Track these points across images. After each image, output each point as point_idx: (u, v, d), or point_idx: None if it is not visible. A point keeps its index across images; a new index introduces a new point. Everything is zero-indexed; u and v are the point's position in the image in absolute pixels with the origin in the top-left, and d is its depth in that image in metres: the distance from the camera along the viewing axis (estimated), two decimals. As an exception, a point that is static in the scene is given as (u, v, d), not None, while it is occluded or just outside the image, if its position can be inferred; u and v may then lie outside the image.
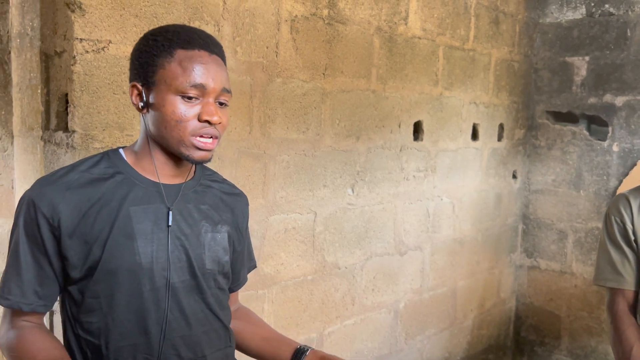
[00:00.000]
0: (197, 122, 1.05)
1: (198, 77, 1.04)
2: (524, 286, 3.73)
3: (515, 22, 3.37)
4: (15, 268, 1.06)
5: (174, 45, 1.06)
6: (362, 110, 2.47)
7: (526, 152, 3.65)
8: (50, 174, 1.09)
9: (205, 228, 1.15)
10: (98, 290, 1.06)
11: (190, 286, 1.13)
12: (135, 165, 1.12)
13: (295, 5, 2.11)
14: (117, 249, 1.05)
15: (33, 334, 1.07)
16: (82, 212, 1.05)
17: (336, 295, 2.48)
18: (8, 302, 1.06)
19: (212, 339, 1.18)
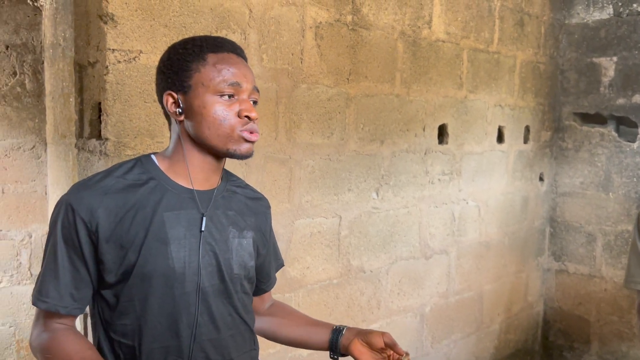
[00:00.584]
0: (238, 118, 1.10)
1: (233, 76, 1.09)
2: (552, 290, 3.68)
3: (540, 24, 3.34)
4: (53, 271, 1.08)
5: (205, 50, 1.11)
6: (386, 115, 2.48)
7: (553, 154, 3.61)
8: (87, 178, 1.12)
9: (232, 233, 1.18)
10: (132, 294, 1.09)
11: (219, 290, 1.15)
12: (167, 172, 1.14)
13: (319, 12, 2.14)
14: (151, 253, 1.07)
15: (67, 336, 1.09)
16: (118, 217, 1.07)
17: (362, 299, 2.49)
18: (46, 305, 1.08)
19: (239, 342, 1.21)
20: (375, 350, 1.22)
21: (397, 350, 1.20)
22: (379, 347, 1.21)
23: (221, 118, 1.08)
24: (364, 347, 1.23)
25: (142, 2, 1.62)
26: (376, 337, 1.22)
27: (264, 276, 1.34)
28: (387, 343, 1.21)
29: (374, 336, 1.22)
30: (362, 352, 1.22)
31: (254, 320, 1.29)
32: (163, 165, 1.15)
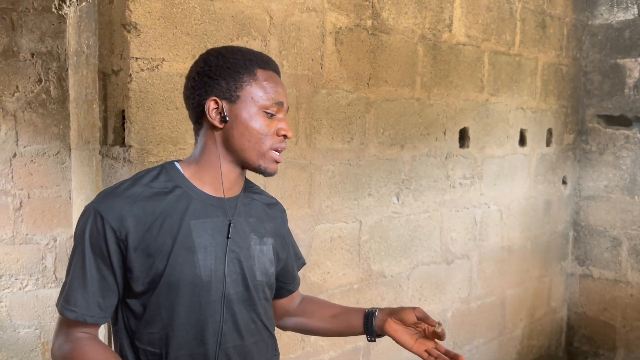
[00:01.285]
0: (276, 136, 1.13)
1: (278, 96, 1.13)
2: (576, 295, 3.62)
3: (562, 25, 3.29)
4: (80, 280, 1.07)
5: (254, 65, 1.13)
6: (406, 119, 2.47)
7: (576, 157, 3.55)
8: (114, 187, 1.12)
9: (254, 240, 1.19)
10: (159, 302, 1.09)
11: (243, 298, 1.16)
12: (192, 179, 1.15)
13: (339, 18, 2.14)
14: (178, 262, 1.08)
15: (91, 346, 1.09)
16: (146, 225, 1.07)
17: (382, 304, 2.48)
18: (74, 315, 1.07)
19: (262, 349, 1.21)
20: (409, 326, 1.23)
21: (430, 322, 1.22)
22: (412, 322, 1.23)
23: (264, 133, 1.12)
24: (398, 325, 1.24)
25: (165, 10, 1.64)
26: (408, 313, 1.23)
27: (288, 278, 1.35)
28: (419, 317, 1.23)
29: (406, 312, 1.24)
30: (397, 330, 1.23)
31: (274, 326, 1.29)
32: (187, 173, 1.15)
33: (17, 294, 2.96)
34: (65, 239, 2.97)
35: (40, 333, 2.98)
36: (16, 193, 2.91)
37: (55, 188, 2.94)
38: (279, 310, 1.38)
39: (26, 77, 2.86)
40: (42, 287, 2.97)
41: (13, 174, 2.91)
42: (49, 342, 2.98)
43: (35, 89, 2.87)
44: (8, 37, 2.83)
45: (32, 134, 2.89)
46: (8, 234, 2.92)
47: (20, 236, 2.94)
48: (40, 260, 2.98)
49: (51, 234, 2.96)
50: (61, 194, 2.94)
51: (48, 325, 2.98)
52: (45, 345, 3.00)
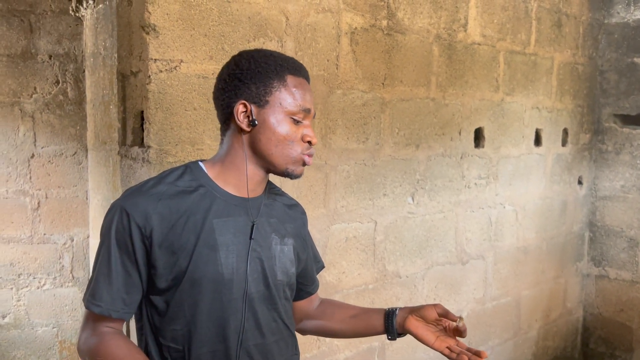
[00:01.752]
0: (302, 142, 1.15)
1: (306, 103, 1.15)
2: (592, 296, 3.59)
3: (578, 24, 3.27)
4: (106, 275, 1.09)
5: (285, 71, 1.14)
6: (421, 119, 2.47)
7: (592, 157, 3.52)
8: (140, 184, 1.14)
9: (275, 240, 1.20)
10: (182, 299, 1.11)
11: (264, 296, 1.17)
12: (216, 179, 1.16)
13: (355, 18, 2.14)
14: (201, 259, 1.10)
15: (116, 340, 1.11)
16: (170, 223, 1.09)
17: (398, 304, 2.48)
18: (99, 309, 1.09)
19: (282, 348, 1.22)
20: (430, 323, 1.23)
21: (450, 317, 1.21)
22: (433, 319, 1.23)
23: (290, 139, 1.13)
24: (419, 322, 1.24)
25: (183, 12, 1.65)
26: (429, 310, 1.23)
27: (308, 280, 1.36)
28: (440, 313, 1.22)
29: (427, 310, 1.23)
30: (418, 327, 1.23)
31: (295, 326, 1.30)
32: (211, 172, 1.17)
33: (35, 293, 3.00)
34: (82, 238, 3.00)
35: (57, 331, 3.02)
36: (34, 193, 2.95)
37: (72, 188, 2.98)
38: (298, 313, 1.38)
39: (44, 78, 2.89)
40: (60, 286, 3.01)
41: (31, 175, 2.94)
42: (67, 340, 3.02)
43: (53, 91, 2.90)
44: (26, 39, 2.87)
45: (49, 135, 2.92)
46: (26, 234, 2.96)
47: (38, 236, 2.98)
48: (57, 259, 3.01)
49: (68, 234, 2.99)
50: (78, 194, 2.97)
51: (66, 323, 3.01)
52: (63, 344, 3.04)
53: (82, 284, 2.99)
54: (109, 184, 2.41)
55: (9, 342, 3.01)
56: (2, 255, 2.96)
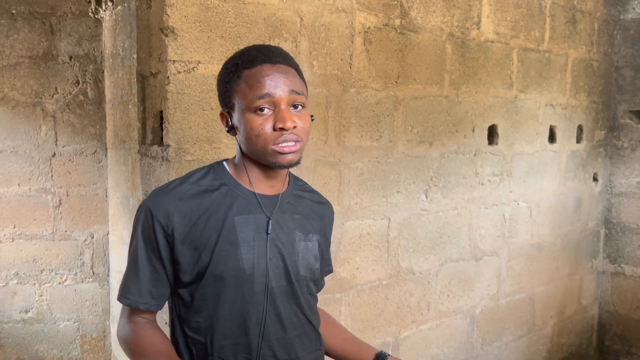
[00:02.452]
0: (274, 131, 1.11)
1: (263, 89, 1.10)
2: (608, 293, 3.58)
3: (593, 20, 3.26)
4: (134, 271, 1.16)
5: (240, 68, 1.14)
6: (435, 116, 2.49)
7: (607, 153, 3.51)
8: (165, 185, 1.20)
9: (298, 237, 1.23)
10: (205, 293, 1.15)
11: (286, 291, 1.20)
12: (237, 177, 1.21)
13: (368, 17, 2.17)
14: (222, 255, 1.14)
15: (145, 329, 1.17)
16: (192, 220, 1.13)
17: (411, 300, 2.51)
18: (127, 301, 1.17)
19: (305, 342, 1.25)
20: None
21: None
22: None
23: (256, 134, 1.11)
24: None
25: (200, 15, 1.70)
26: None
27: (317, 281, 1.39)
28: None
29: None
30: None
31: (320, 322, 1.33)
32: (233, 172, 1.21)
33: (57, 288, 3.08)
34: (102, 235, 3.07)
35: (78, 326, 3.10)
36: (56, 191, 3.03)
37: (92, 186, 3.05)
38: None
39: (65, 79, 2.97)
40: (81, 281, 3.08)
41: (53, 173, 3.02)
42: (87, 334, 3.09)
43: (73, 91, 2.97)
44: (47, 41, 2.95)
45: (70, 134, 3.00)
46: (48, 231, 3.04)
47: (59, 233, 3.06)
48: (78, 256, 3.09)
49: (89, 231, 3.06)
50: (98, 192, 3.04)
51: (86, 318, 3.09)
52: (84, 338, 3.11)
53: (102, 279, 3.06)
54: (128, 182, 2.47)
55: (32, 336, 3.09)
56: (25, 251, 3.04)
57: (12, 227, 3.00)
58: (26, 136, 2.95)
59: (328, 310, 2.20)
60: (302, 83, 1.18)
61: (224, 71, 1.17)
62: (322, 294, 2.14)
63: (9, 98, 2.92)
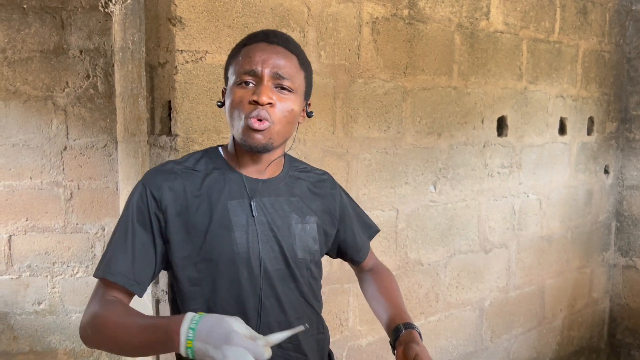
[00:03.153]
0: (249, 104, 1.10)
1: (250, 64, 1.11)
2: (619, 286, 3.55)
3: (605, 11, 3.22)
4: (123, 247, 1.11)
5: (240, 46, 1.17)
6: (443, 107, 2.48)
7: (619, 145, 3.47)
8: (160, 164, 1.20)
9: (295, 219, 1.22)
10: (201, 278, 1.15)
11: (284, 275, 1.20)
12: (230, 162, 1.21)
13: (376, 8, 2.17)
14: (216, 239, 1.13)
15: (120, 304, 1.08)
16: (185, 202, 1.13)
17: (420, 291, 2.51)
18: (114, 278, 1.09)
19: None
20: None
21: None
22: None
23: (235, 104, 1.11)
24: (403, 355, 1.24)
25: (208, 4, 1.71)
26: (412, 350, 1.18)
27: (351, 250, 1.41)
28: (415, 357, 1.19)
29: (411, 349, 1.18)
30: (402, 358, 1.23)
31: (322, 306, 1.33)
32: (227, 156, 1.22)
33: (69, 281, 3.11)
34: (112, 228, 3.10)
35: (90, 318, 3.13)
36: (67, 184, 3.06)
37: (103, 179, 3.07)
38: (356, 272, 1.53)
39: (75, 73, 2.99)
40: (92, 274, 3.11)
41: (64, 166, 3.05)
42: (99, 326, 3.11)
43: (84, 85, 3.00)
44: (58, 35, 2.97)
45: (81, 128, 3.02)
46: (60, 224, 3.07)
47: (71, 225, 3.09)
48: (89, 248, 3.12)
49: (99, 224, 3.09)
50: (109, 185, 3.07)
51: (97, 310, 3.12)
52: (95, 329, 3.14)
53: (113, 271, 3.09)
54: (139, 175, 2.49)
55: (45, 328, 3.13)
56: (37, 244, 3.08)
57: (24, 220, 3.04)
58: (38, 130, 2.99)
59: (336, 300, 2.21)
60: (298, 70, 1.17)
61: (231, 53, 1.20)
62: (330, 284, 2.16)
63: (21, 92, 2.96)
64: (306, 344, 1.25)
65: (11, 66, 2.94)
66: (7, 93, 2.96)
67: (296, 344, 1.23)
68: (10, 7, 2.94)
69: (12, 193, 3.02)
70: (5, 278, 3.07)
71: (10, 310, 3.09)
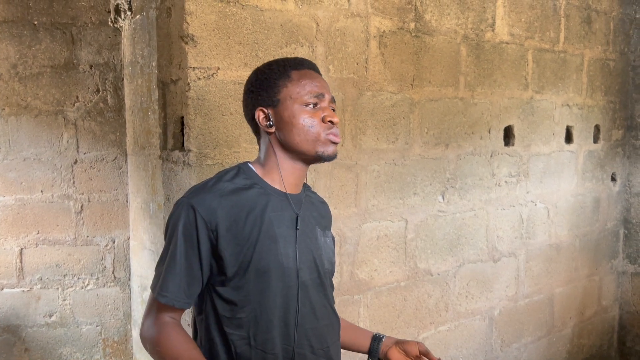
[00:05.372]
0: (323, 123, 1.22)
1: (316, 88, 1.23)
2: (628, 294, 3.54)
3: (609, 20, 3.24)
4: (172, 268, 1.19)
5: (288, 68, 1.24)
6: (450, 118, 2.50)
7: (626, 153, 3.48)
8: (202, 183, 1.25)
9: (319, 232, 1.31)
10: (249, 289, 1.19)
11: (316, 283, 1.27)
12: (265, 178, 1.26)
13: (383, 21, 2.19)
14: (264, 250, 1.19)
15: (175, 332, 1.19)
16: (233, 216, 1.18)
17: (429, 301, 2.52)
18: (166, 299, 1.18)
19: (331, 332, 1.31)
20: (410, 358, 1.35)
21: (431, 357, 1.34)
22: (414, 355, 1.35)
23: (309, 124, 1.21)
24: (401, 354, 1.35)
25: (219, 22, 1.74)
26: (412, 345, 1.36)
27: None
28: (421, 351, 1.34)
29: (410, 345, 1.36)
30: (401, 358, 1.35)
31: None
32: (260, 173, 1.27)
33: (80, 293, 3.13)
34: (122, 240, 3.12)
35: (101, 330, 3.15)
36: (77, 197, 3.09)
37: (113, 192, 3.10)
38: None
39: (85, 87, 3.03)
40: (102, 286, 3.13)
41: (74, 179, 3.08)
42: (109, 338, 3.14)
43: (94, 99, 3.03)
44: (68, 50, 3.01)
45: (91, 141, 3.06)
46: (70, 236, 3.10)
47: (81, 238, 3.12)
48: (100, 260, 3.14)
49: (110, 236, 3.12)
50: (119, 197, 3.09)
51: (108, 322, 3.14)
52: (106, 342, 3.16)
53: (124, 284, 3.11)
54: (148, 187, 2.52)
55: (56, 340, 3.15)
56: (48, 256, 3.10)
57: (35, 233, 3.06)
58: (48, 144, 3.02)
59: (347, 311, 2.22)
60: None
61: (268, 71, 1.25)
62: (340, 296, 2.17)
63: (32, 107, 2.99)
64: (333, 350, 1.31)
65: (22, 81, 2.98)
66: (19, 108, 3.00)
67: (326, 350, 1.29)
68: (21, 23, 2.99)
69: (24, 206, 3.05)
70: (17, 291, 3.09)
71: (22, 322, 3.11)
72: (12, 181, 3.02)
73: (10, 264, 3.07)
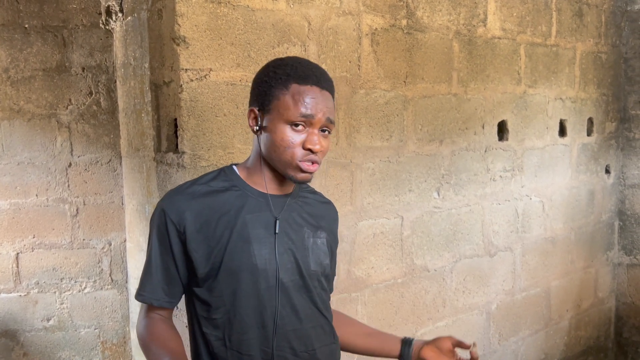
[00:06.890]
0: (302, 149, 1.18)
1: (307, 109, 1.17)
2: (624, 285, 3.56)
3: (600, 13, 3.25)
4: (148, 269, 1.24)
5: (290, 80, 1.19)
6: (444, 114, 2.50)
7: (619, 145, 3.50)
8: (178, 186, 1.26)
9: (307, 234, 1.29)
10: (222, 290, 1.20)
11: (299, 285, 1.26)
12: (247, 180, 1.26)
13: (375, 19, 2.19)
14: (236, 251, 1.19)
15: (157, 325, 1.24)
16: (204, 218, 1.19)
17: (427, 297, 2.53)
18: (142, 298, 1.25)
19: (320, 335, 1.30)
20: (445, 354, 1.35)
21: (465, 345, 1.34)
22: (448, 350, 1.35)
23: (285, 146, 1.17)
24: (435, 352, 1.36)
25: (210, 23, 1.73)
26: (444, 341, 1.36)
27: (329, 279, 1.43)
28: (453, 343, 1.35)
29: (442, 341, 1.36)
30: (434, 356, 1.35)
31: (332, 316, 1.37)
32: (243, 174, 1.27)
33: (77, 296, 3.13)
34: (119, 242, 3.12)
35: (99, 332, 3.14)
36: (73, 200, 3.08)
37: (108, 195, 3.10)
38: None
39: (78, 90, 3.02)
40: (100, 289, 3.13)
41: (69, 183, 3.07)
42: (108, 340, 3.14)
43: (87, 101, 3.02)
44: (60, 53, 3.00)
45: (85, 144, 3.05)
46: (67, 239, 3.09)
47: (77, 241, 3.11)
48: (97, 263, 3.14)
49: (106, 239, 3.11)
50: (114, 200, 3.09)
51: (106, 325, 3.13)
52: (105, 344, 3.16)
53: (121, 286, 3.11)
54: (143, 189, 2.51)
55: (55, 344, 3.15)
56: (45, 260, 3.10)
57: (31, 237, 3.05)
58: (42, 147, 3.01)
59: (344, 309, 2.23)
60: (334, 110, 1.25)
61: (272, 75, 1.21)
62: (338, 294, 2.18)
63: (25, 111, 2.98)
64: (321, 353, 1.29)
65: (14, 85, 2.97)
66: (11, 112, 2.98)
67: (312, 353, 1.27)
68: (12, 27, 2.97)
69: (19, 211, 3.04)
70: (14, 295, 3.09)
71: (20, 327, 3.11)
72: (6, 186, 3.01)
73: (7, 269, 3.06)
